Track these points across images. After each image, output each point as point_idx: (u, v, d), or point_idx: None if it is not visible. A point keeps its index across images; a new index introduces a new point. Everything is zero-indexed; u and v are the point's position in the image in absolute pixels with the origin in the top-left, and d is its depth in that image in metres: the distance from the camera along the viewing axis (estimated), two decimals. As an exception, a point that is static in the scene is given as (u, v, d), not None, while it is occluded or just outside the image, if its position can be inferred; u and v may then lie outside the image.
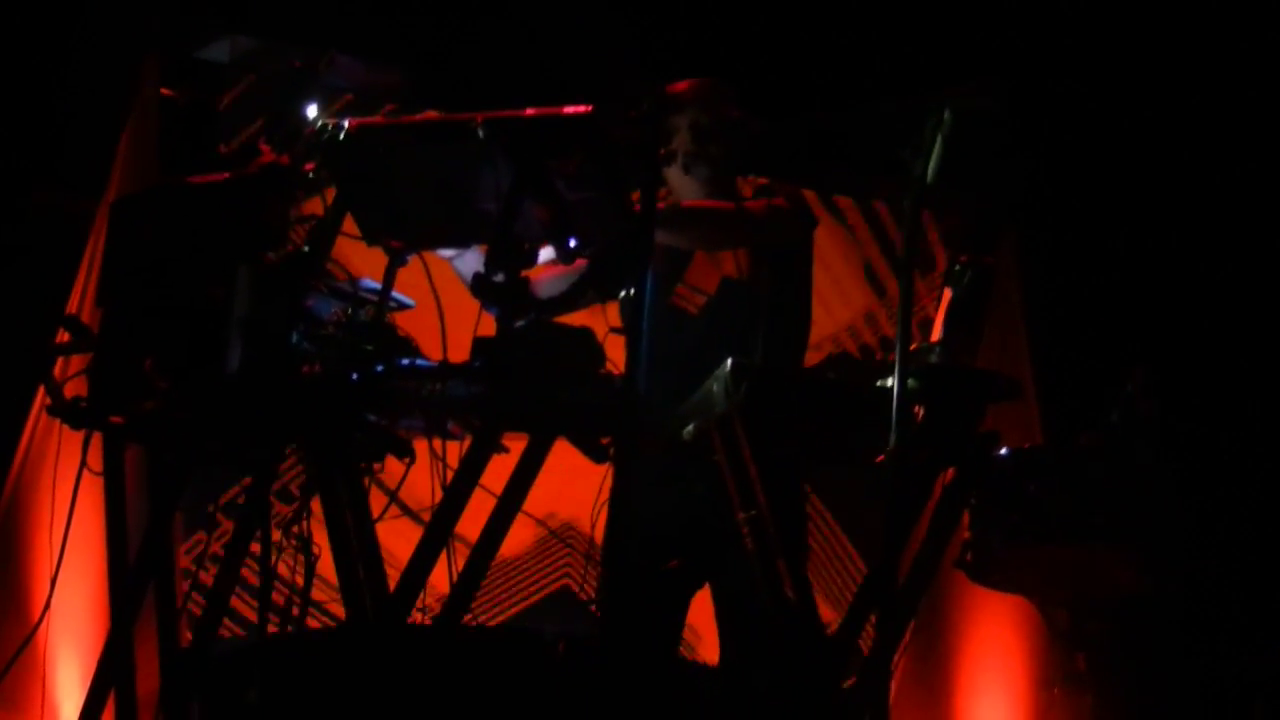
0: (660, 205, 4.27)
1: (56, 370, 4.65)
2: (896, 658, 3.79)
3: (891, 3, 6.56)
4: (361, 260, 4.27)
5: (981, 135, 4.05)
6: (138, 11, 5.94)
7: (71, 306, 5.61)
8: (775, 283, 4.34)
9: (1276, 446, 6.57)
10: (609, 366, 3.56)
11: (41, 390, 5.17)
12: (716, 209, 4.32)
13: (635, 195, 3.42)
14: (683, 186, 4.46)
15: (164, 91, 5.85)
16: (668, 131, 4.43)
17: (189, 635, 4.25)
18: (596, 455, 3.59)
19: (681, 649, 4.71)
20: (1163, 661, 6.02)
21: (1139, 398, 4.28)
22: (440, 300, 3.80)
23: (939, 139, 3.61)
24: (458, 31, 6.21)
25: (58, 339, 4.32)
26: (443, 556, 3.57)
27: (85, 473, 3.98)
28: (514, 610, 5.91)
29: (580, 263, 3.77)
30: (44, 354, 4.61)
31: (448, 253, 4.09)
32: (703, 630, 4.60)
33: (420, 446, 3.76)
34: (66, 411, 3.94)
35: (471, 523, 3.56)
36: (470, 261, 3.98)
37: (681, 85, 4.45)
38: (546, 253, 3.70)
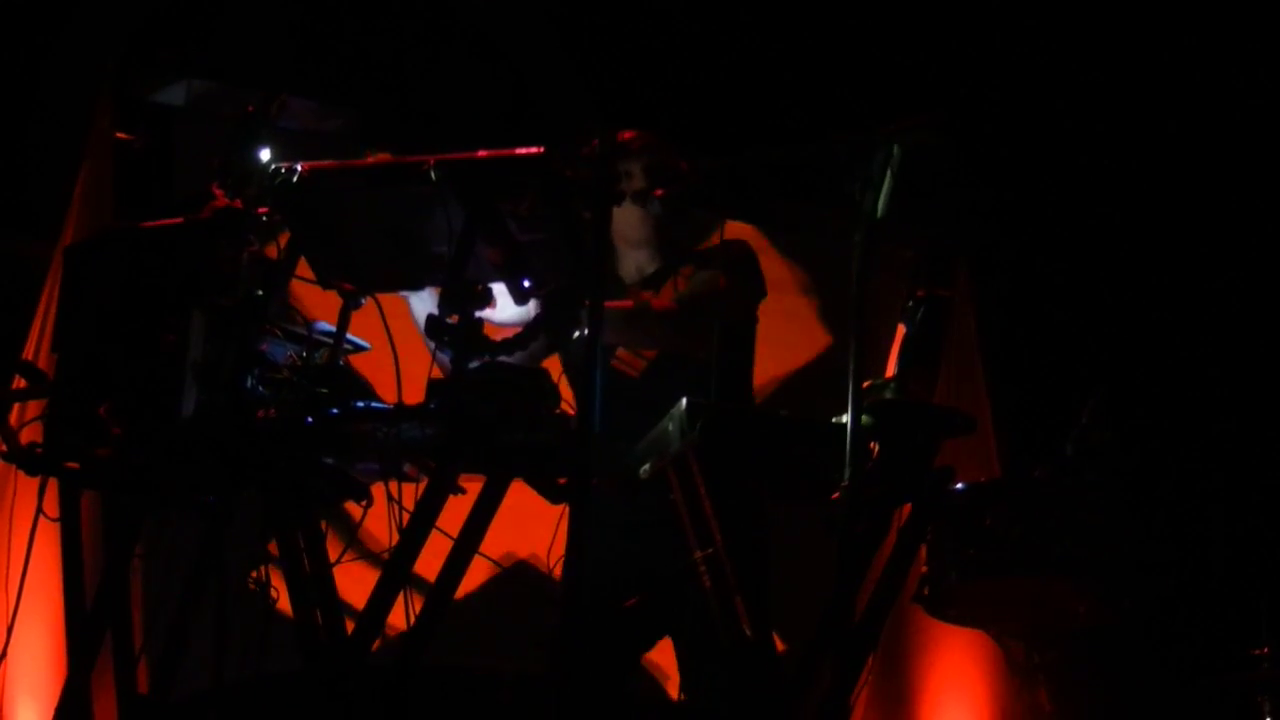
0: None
1: (12, 416, 4.63)
2: (856, 694, 3.79)
3: (839, 38, 6.61)
4: (316, 303, 4.27)
5: (931, 168, 4.09)
6: (93, 55, 5.94)
7: (27, 352, 5.59)
8: (720, 346, 4.34)
9: (1230, 473, 6.62)
10: (564, 407, 3.57)
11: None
12: (640, 311, 4.36)
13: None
14: (633, 227, 4.50)
15: (118, 135, 5.84)
16: (623, 173, 4.48)
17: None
18: (553, 495, 3.60)
19: (649, 687, 4.72)
20: (1124, 690, 6.04)
21: (1092, 429, 4.30)
22: (395, 342, 3.80)
23: (888, 173, 3.64)
24: (410, 75, 6.23)
25: (13, 384, 4.31)
26: (400, 599, 3.57)
27: (41, 518, 3.96)
28: (472, 651, 5.92)
29: None
30: (-1, 400, 4.58)
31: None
32: (670, 670, 4.60)
33: (376, 490, 3.76)
34: (22, 457, 3.93)
35: (429, 564, 3.57)
36: (426, 301, 3.98)
37: (629, 134, 4.50)
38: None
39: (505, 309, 3.71)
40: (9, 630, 4.15)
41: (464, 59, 6.25)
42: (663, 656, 4.48)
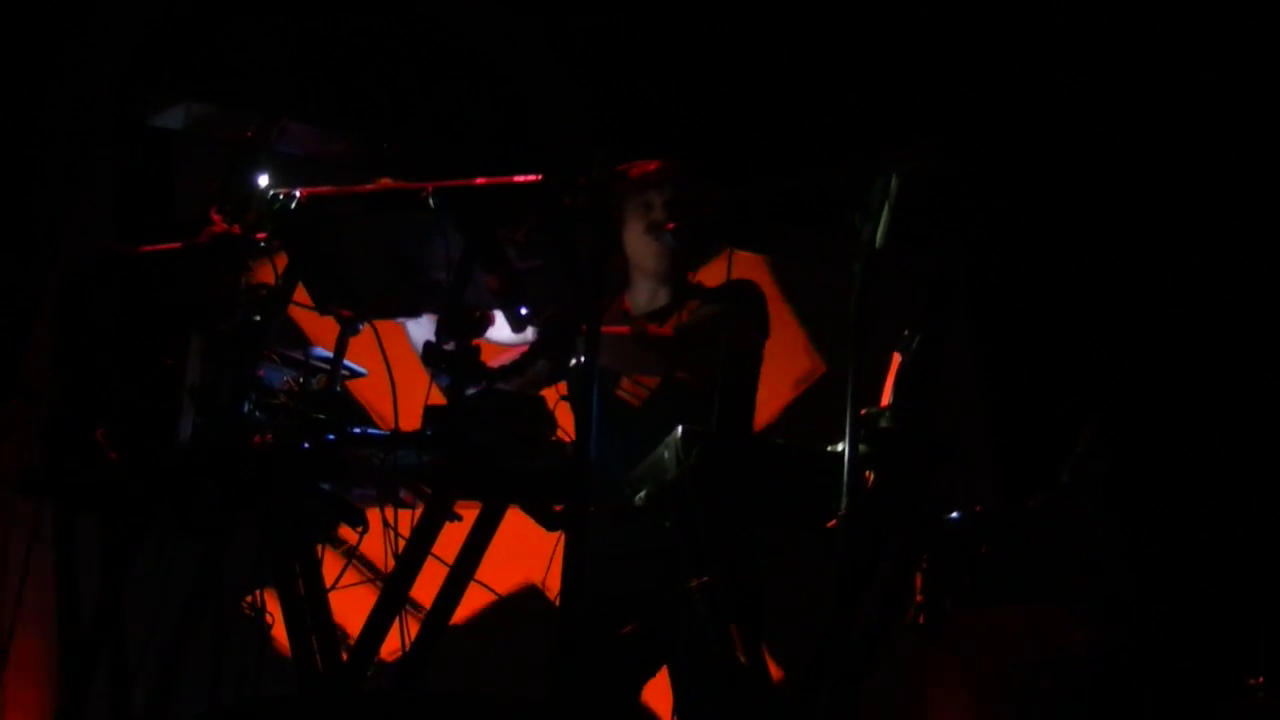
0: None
1: (9, 439, 4.64)
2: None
3: (833, 67, 6.63)
4: (314, 328, 4.27)
5: (929, 196, 4.09)
6: (94, 78, 5.95)
7: (23, 374, 5.59)
8: (723, 377, 4.35)
9: (1226, 501, 6.62)
10: (560, 434, 3.58)
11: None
12: (636, 336, 4.38)
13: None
14: (650, 259, 4.53)
15: (118, 159, 5.86)
16: (644, 204, 4.50)
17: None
18: (549, 523, 3.60)
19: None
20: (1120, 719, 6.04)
21: (1089, 457, 4.30)
22: (392, 368, 3.81)
23: (887, 203, 3.64)
24: (410, 100, 6.24)
25: (10, 407, 4.31)
26: (395, 625, 3.57)
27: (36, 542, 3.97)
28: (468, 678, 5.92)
29: None
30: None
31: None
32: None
33: (373, 515, 3.77)
34: (18, 480, 3.93)
35: (425, 590, 3.57)
36: (424, 328, 3.99)
37: (653, 165, 4.52)
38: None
39: (504, 329, 3.72)
40: (4, 653, 4.14)
41: (466, 85, 6.26)
42: (654, 694, 4.48)
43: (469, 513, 3.59)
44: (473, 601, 3.67)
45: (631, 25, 6.42)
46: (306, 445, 3.61)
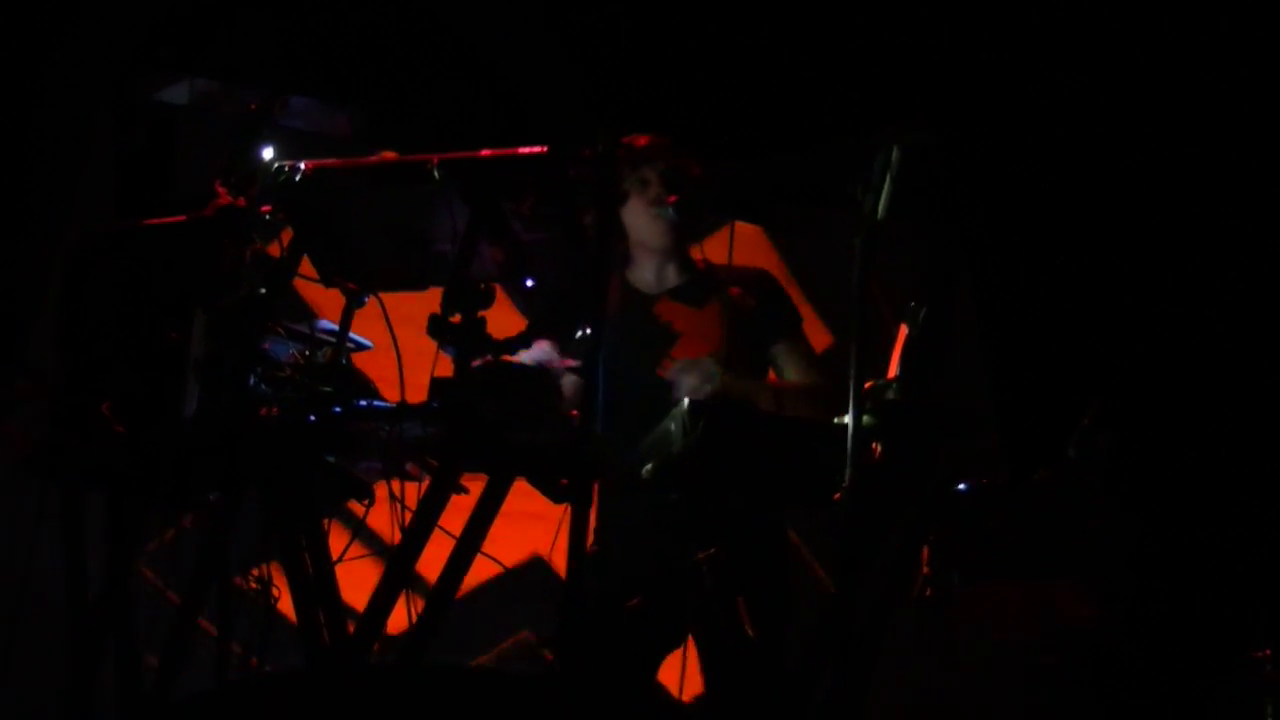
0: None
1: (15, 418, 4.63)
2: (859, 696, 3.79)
3: (839, 41, 6.62)
4: (319, 301, 4.26)
5: (931, 169, 4.09)
6: (96, 54, 5.94)
7: (29, 351, 5.59)
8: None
9: (1230, 474, 6.62)
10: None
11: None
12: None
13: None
14: (653, 235, 4.53)
15: (122, 132, 5.85)
16: (640, 180, 4.51)
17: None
18: (555, 495, 3.59)
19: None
20: (1125, 693, 6.04)
21: (1094, 430, 4.30)
22: (398, 341, 3.80)
23: (888, 176, 3.64)
24: (413, 73, 6.23)
25: (15, 384, 4.30)
26: (402, 599, 3.57)
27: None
28: (475, 652, 5.93)
29: None
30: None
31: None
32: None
33: (379, 488, 3.76)
34: (24, 457, 3.92)
35: (431, 563, 3.57)
36: (537, 354, 3.98)
37: (644, 139, 4.52)
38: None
39: (539, 351, 3.74)
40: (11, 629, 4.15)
41: (467, 59, 6.25)
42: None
43: (475, 485, 3.58)
44: (478, 574, 3.66)
45: (631, 6, 6.41)
46: (312, 418, 3.61)
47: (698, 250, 4.68)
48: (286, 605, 3.71)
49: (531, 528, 4.11)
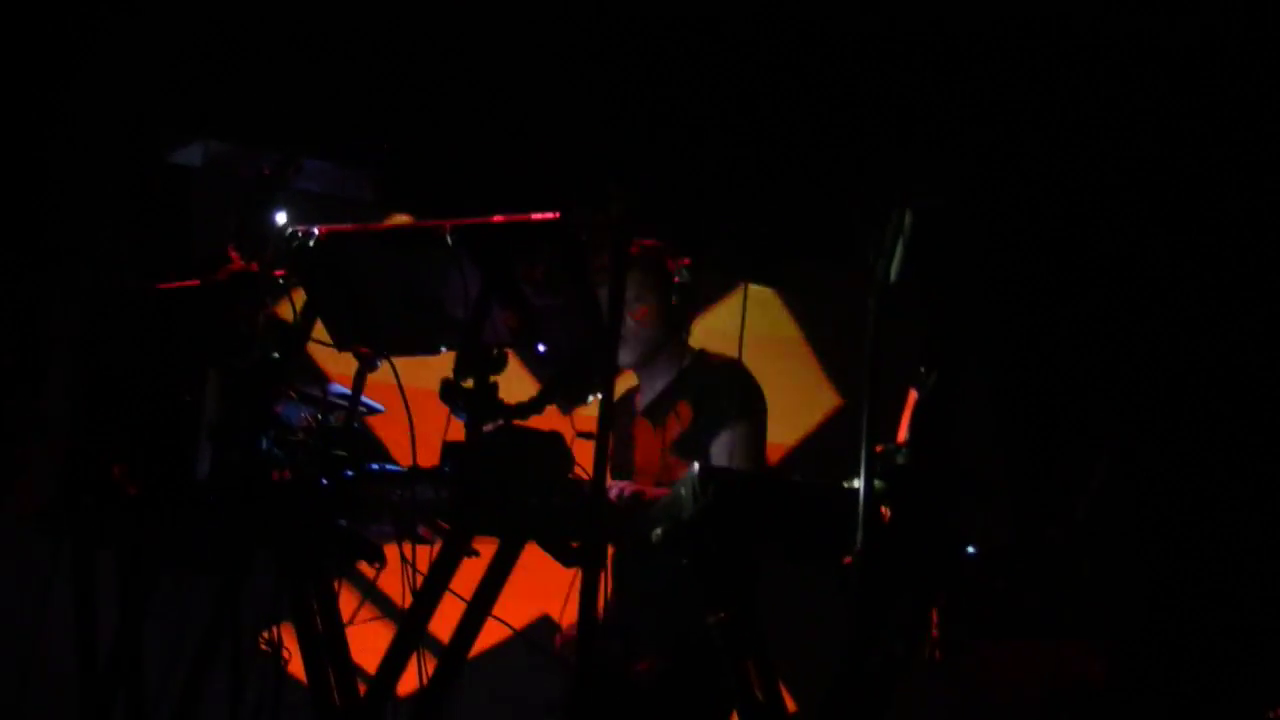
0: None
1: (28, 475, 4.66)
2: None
3: (843, 107, 6.64)
4: (332, 365, 4.28)
5: (939, 233, 4.11)
6: (113, 113, 5.98)
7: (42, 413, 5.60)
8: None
9: (1244, 530, 6.60)
10: (577, 471, 3.59)
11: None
12: None
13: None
14: (646, 338, 4.54)
15: (137, 193, 5.88)
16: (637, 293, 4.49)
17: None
18: (566, 559, 3.60)
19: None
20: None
21: (1103, 491, 4.31)
22: (409, 405, 3.82)
23: (900, 240, 3.65)
24: (427, 138, 6.26)
25: (27, 443, 4.32)
26: (413, 660, 3.57)
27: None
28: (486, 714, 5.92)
29: None
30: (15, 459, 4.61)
31: None
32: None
33: (390, 551, 3.77)
34: (37, 517, 3.94)
35: (443, 626, 3.58)
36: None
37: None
38: None
39: None
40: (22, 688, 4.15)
41: (483, 122, 6.27)
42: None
43: (486, 549, 3.59)
44: (489, 637, 3.67)
45: (646, 53, 6.43)
46: (325, 481, 3.63)
47: (689, 339, 4.64)
48: (298, 667, 3.72)
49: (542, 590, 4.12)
